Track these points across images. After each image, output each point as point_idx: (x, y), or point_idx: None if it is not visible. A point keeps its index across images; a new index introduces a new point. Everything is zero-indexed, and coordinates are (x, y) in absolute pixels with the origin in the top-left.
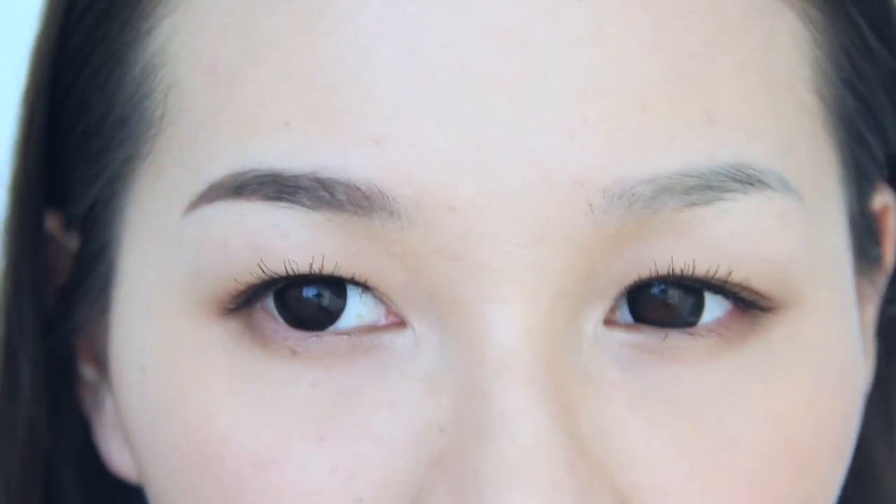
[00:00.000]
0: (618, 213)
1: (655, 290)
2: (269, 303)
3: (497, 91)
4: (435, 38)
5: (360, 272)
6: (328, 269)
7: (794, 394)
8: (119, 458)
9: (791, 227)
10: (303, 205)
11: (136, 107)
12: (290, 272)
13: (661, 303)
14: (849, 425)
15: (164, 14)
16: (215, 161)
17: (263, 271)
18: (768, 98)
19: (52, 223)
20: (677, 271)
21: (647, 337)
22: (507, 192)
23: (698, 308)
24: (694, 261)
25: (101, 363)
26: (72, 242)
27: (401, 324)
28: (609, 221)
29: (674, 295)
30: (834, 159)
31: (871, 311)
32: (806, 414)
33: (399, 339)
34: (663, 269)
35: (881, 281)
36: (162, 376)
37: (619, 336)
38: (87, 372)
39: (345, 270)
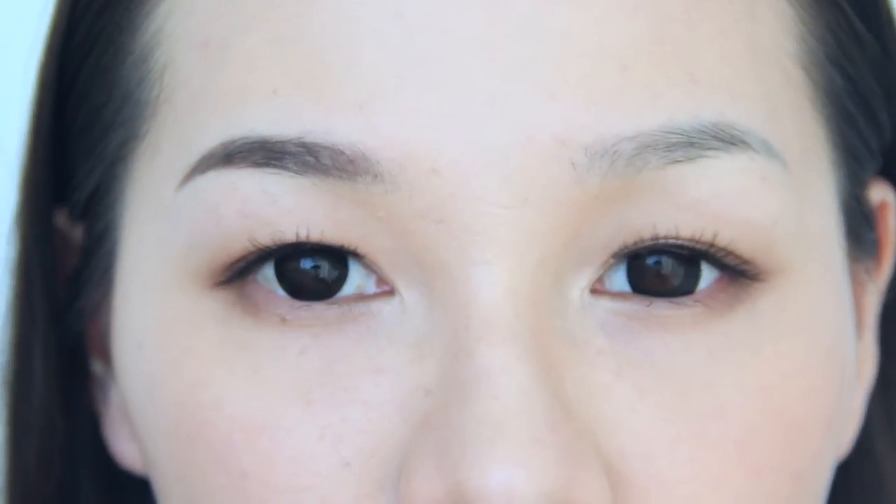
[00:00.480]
0: (601, 172)
1: (650, 260)
2: (268, 273)
3: (479, 55)
4: (418, 4)
5: (348, 239)
6: (315, 236)
7: (782, 363)
8: (127, 452)
9: (775, 191)
10: (290, 170)
11: (134, 89)
12: (278, 242)
13: (655, 273)
14: (839, 401)
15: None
16: (207, 132)
17: (253, 245)
18: (751, 64)
19: (60, 218)
20: (661, 235)
21: (634, 305)
22: (489, 153)
23: (694, 279)
24: (677, 225)
25: (107, 354)
26: (78, 234)
27: (390, 292)
28: (592, 180)
29: (668, 264)
30: (822, 136)
31: (870, 301)
32: (795, 384)
33: (387, 307)
34: (647, 234)
35: (880, 275)
36: (156, 349)
37: (605, 304)
38: (97, 366)
39: (333, 238)
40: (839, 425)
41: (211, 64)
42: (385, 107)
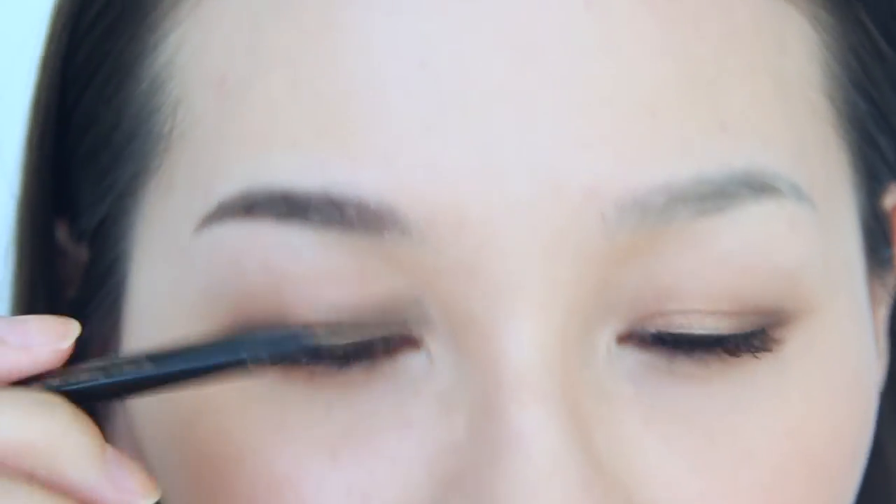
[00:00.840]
0: (630, 224)
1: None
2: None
3: (507, 104)
4: (444, 52)
5: (371, 297)
6: (343, 298)
7: (808, 405)
8: None
9: (802, 235)
10: (314, 223)
11: (144, 121)
12: (303, 299)
13: (678, 326)
14: (864, 431)
15: (171, 27)
16: (225, 178)
17: (279, 298)
18: (780, 102)
19: (61, 234)
20: (688, 297)
21: (658, 357)
22: (518, 205)
23: (713, 351)
24: (704, 278)
25: None
26: (81, 254)
27: (415, 344)
28: (622, 233)
29: (688, 344)
30: (845, 162)
31: (883, 312)
32: (821, 424)
33: (414, 360)
34: (675, 296)
35: (892, 281)
36: (176, 398)
37: (632, 353)
38: None
39: (359, 300)
40: (864, 454)
41: (228, 105)
42: (412, 159)
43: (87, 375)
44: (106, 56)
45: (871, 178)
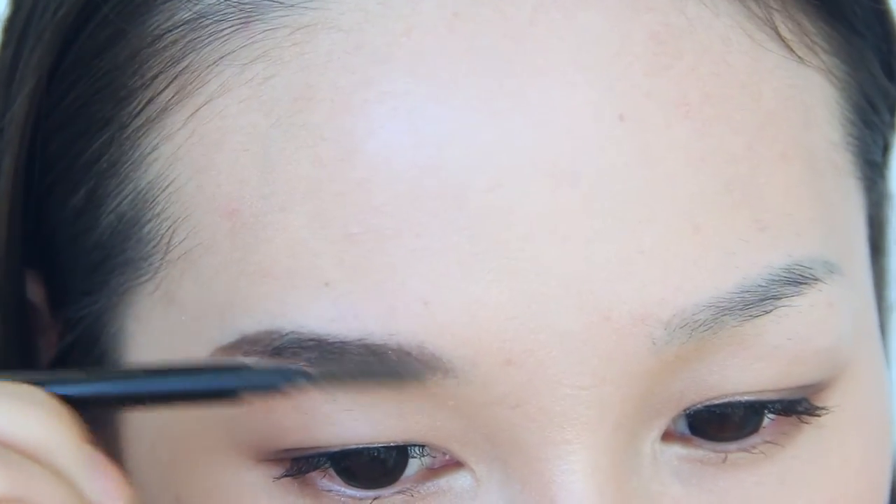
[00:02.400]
0: (679, 341)
1: (714, 408)
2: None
3: (548, 234)
4: (479, 181)
5: (415, 432)
6: (380, 438)
7: (847, 469)
8: None
9: (838, 311)
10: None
11: (130, 230)
12: (340, 443)
13: (719, 417)
14: (890, 470)
15: (164, 138)
16: (246, 312)
17: (311, 440)
18: (811, 184)
19: (33, 290)
20: (732, 391)
21: (706, 453)
22: (566, 338)
23: (759, 416)
24: (752, 374)
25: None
26: (56, 324)
27: (457, 464)
28: (669, 350)
29: (735, 412)
30: (861, 203)
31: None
32: (860, 484)
33: (458, 481)
34: (720, 389)
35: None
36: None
37: (676, 450)
38: None
39: (398, 435)
40: (888, 490)
41: (243, 239)
42: (452, 302)
43: (75, 379)
44: (80, 153)
45: (875, 202)
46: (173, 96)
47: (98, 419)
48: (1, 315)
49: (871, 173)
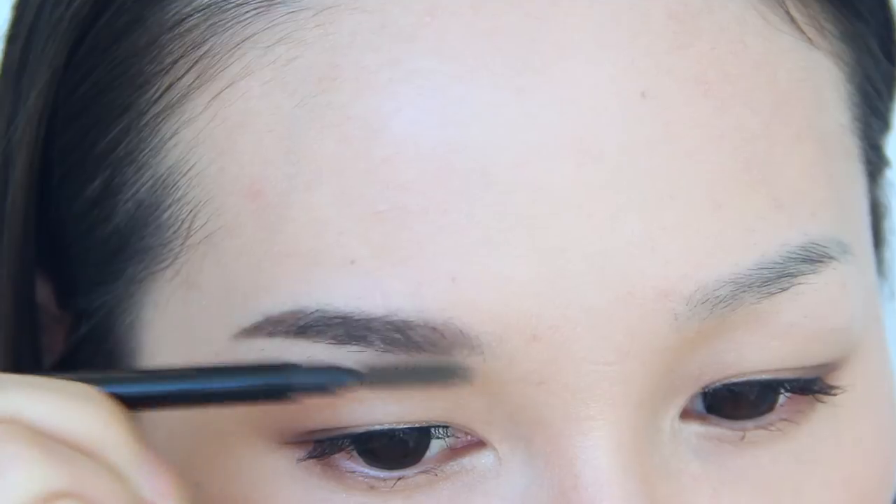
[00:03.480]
0: (700, 317)
1: (729, 386)
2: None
3: (573, 210)
4: (505, 158)
5: (439, 411)
6: (405, 417)
7: (859, 448)
8: None
9: (851, 290)
10: (375, 347)
11: (149, 217)
12: (365, 423)
13: (735, 396)
14: None
15: (183, 123)
16: (270, 292)
17: (336, 419)
18: (823, 165)
19: (42, 292)
20: (750, 370)
21: (724, 431)
22: (591, 313)
23: (774, 394)
24: (768, 352)
25: None
26: (64, 317)
27: (480, 444)
28: (690, 325)
29: (749, 390)
30: (865, 188)
31: None
32: (872, 466)
33: (480, 460)
34: (738, 367)
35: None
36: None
37: (695, 428)
38: None
39: (421, 415)
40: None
41: (267, 219)
42: (479, 278)
43: (129, 378)
44: (96, 134)
45: (876, 183)
46: (194, 80)
47: None
48: (14, 316)
49: (875, 158)
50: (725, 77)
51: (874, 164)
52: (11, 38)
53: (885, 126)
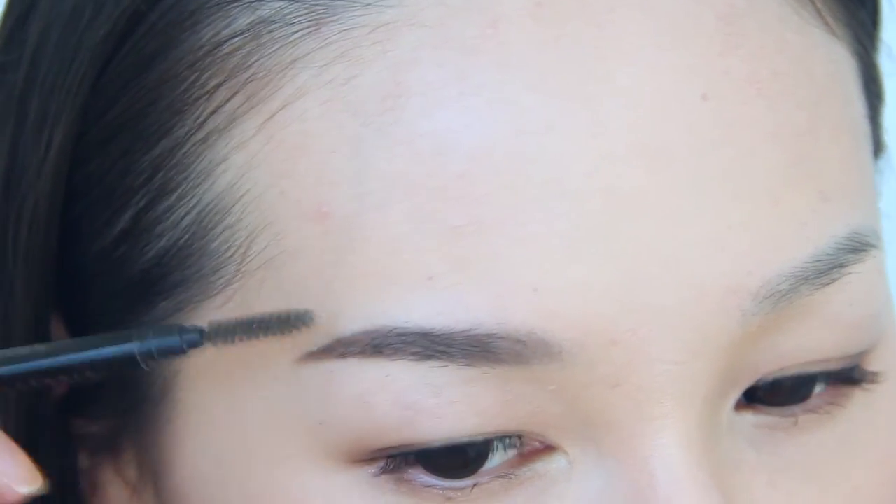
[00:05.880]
0: (764, 312)
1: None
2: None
3: (646, 213)
4: (578, 167)
5: (517, 420)
6: (486, 428)
7: (892, 427)
8: None
9: (884, 277)
10: (456, 362)
11: (192, 246)
12: (444, 437)
13: (773, 385)
14: None
15: (234, 148)
16: (341, 315)
17: (416, 435)
18: (856, 155)
19: (57, 333)
20: (806, 360)
21: (777, 419)
22: (665, 315)
23: (811, 385)
24: (820, 342)
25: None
26: None
27: (550, 448)
28: (754, 321)
29: (788, 379)
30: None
31: None
32: None
33: (552, 464)
34: (794, 358)
35: None
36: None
37: (749, 418)
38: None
39: (500, 425)
40: None
41: (336, 241)
42: (561, 287)
43: None
44: (126, 164)
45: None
46: (242, 104)
47: (140, 440)
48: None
49: (877, 142)
50: (775, 75)
51: (877, 147)
52: (8, 62)
53: (881, 101)
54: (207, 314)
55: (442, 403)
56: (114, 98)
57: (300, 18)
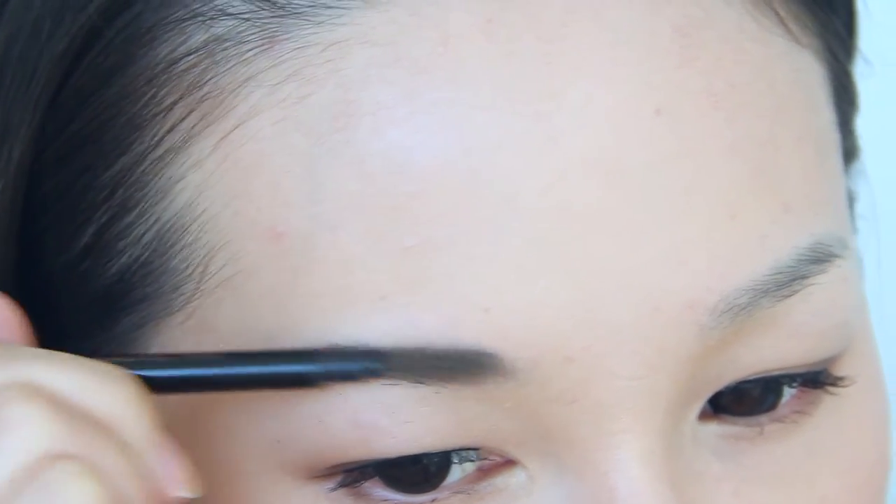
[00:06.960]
0: (722, 326)
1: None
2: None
3: (600, 230)
4: (531, 184)
5: (471, 438)
6: (438, 445)
7: (861, 434)
8: None
9: (852, 284)
10: (409, 380)
11: (153, 263)
12: (399, 453)
13: (740, 393)
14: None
15: (190, 167)
16: (295, 332)
17: (370, 454)
18: (821, 164)
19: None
20: (769, 368)
21: (742, 429)
22: (621, 331)
23: (778, 392)
24: (783, 353)
25: None
26: None
27: (509, 462)
28: (713, 335)
29: (753, 386)
30: (844, 180)
31: None
32: (873, 452)
33: (512, 479)
34: (755, 368)
35: None
36: None
37: (713, 429)
38: None
39: (454, 442)
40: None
41: (292, 261)
42: (512, 307)
43: (155, 362)
44: (87, 180)
45: (847, 167)
46: (198, 122)
47: None
48: None
49: (849, 145)
50: (732, 87)
51: (848, 155)
52: None
53: (854, 108)
54: (169, 331)
55: (396, 423)
56: (73, 113)
57: (254, 36)
